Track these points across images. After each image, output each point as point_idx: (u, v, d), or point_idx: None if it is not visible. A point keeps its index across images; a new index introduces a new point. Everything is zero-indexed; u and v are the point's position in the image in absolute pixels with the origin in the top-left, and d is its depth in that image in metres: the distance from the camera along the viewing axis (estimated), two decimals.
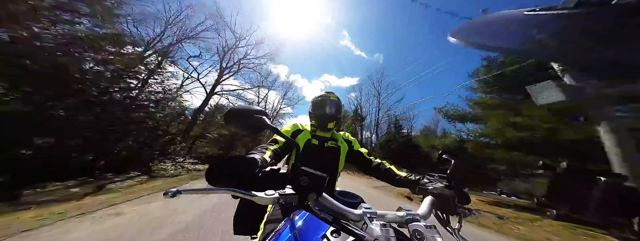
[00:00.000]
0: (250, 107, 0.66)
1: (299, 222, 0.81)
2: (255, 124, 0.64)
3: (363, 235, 0.52)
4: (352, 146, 1.54)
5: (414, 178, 1.08)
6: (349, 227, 0.54)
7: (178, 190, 0.48)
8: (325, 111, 1.46)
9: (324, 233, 0.68)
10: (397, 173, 1.23)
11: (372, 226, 0.53)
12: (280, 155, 1.20)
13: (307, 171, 0.56)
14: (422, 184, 0.97)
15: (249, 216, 1.31)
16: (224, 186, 0.54)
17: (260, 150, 1.06)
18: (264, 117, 0.65)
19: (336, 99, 1.52)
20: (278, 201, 0.55)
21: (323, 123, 1.47)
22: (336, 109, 1.49)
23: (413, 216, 0.60)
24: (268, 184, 0.58)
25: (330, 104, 1.48)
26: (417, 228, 0.53)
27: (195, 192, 0.51)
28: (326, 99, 1.49)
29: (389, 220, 0.59)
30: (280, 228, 0.89)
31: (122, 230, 2.88)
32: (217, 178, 0.55)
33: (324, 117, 1.46)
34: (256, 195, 0.54)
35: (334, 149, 1.46)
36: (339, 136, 1.56)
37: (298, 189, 0.56)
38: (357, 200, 1.10)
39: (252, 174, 0.59)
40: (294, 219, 0.86)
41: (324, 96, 1.52)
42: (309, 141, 1.42)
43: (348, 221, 0.57)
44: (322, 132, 1.50)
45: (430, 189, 0.87)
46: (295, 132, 1.47)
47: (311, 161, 1.28)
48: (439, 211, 0.81)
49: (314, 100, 1.53)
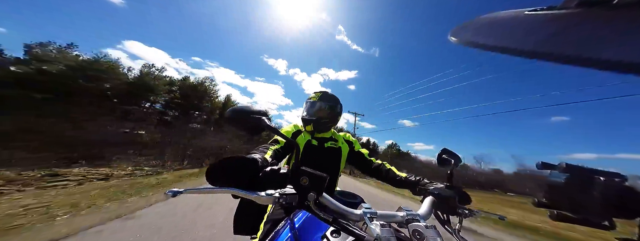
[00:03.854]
0: (251, 108, 0.65)
1: (299, 222, 0.81)
2: (255, 125, 0.64)
3: (363, 235, 0.52)
4: (353, 146, 1.53)
5: (415, 178, 1.08)
6: (349, 227, 0.54)
7: (179, 190, 0.48)
8: (321, 114, 1.44)
9: (324, 233, 0.68)
10: (398, 173, 1.23)
11: (372, 226, 0.53)
12: (282, 155, 1.20)
13: (307, 171, 0.56)
14: (423, 184, 0.97)
15: (249, 216, 1.31)
16: (225, 185, 0.54)
17: (261, 150, 1.06)
18: (264, 117, 0.65)
19: (327, 99, 1.47)
20: (278, 201, 0.55)
21: (319, 124, 1.44)
22: (331, 110, 1.45)
23: (413, 216, 0.60)
24: (268, 184, 0.58)
25: (326, 105, 1.45)
26: (417, 228, 0.53)
27: (196, 192, 0.52)
28: (317, 102, 1.45)
29: (389, 220, 0.59)
30: (280, 228, 0.89)
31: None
32: (218, 178, 0.55)
33: (319, 119, 1.43)
34: (256, 195, 0.54)
35: (335, 150, 1.46)
36: (340, 136, 1.55)
37: (298, 189, 0.56)
38: (357, 200, 1.10)
39: (252, 174, 0.59)
40: (294, 219, 0.85)
41: (319, 97, 1.47)
42: (309, 141, 1.41)
43: (348, 221, 0.57)
44: (322, 133, 1.49)
45: (430, 189, 0.87)
46: (295, 132, 1.46)
47: (311, 162, 1.28)
48: (440, 211, 0.81)
49: (309, 100, 1.49)
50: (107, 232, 2.92)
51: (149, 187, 6.26)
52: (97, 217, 3.42)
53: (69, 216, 3.43)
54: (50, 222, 3.10)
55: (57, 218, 3.29)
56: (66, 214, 3.48)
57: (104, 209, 3.89)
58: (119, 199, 4.64)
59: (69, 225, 3.03)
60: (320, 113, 1.44)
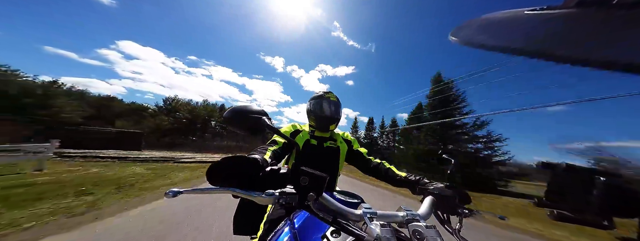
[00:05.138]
0: (251, 107, 0.65)
1: (299, 222, 0.81)
2: (255, 124, 0.64)
3: (363, 235, 0.52)
4: (351, 146, 1.53)
5: (414, 178, 1.08)
6: (348, 227, 0.53)
7: (179, 190, 0.48)
8: (326, 114, 1.44)
9: (324, 233, 0.68)
10: (397, 173, 1.22)
11: (372, 226, 0.53)
12: (280, 156, 1.20)
13: (307, 171, 0.56)
14: (422, 184, 0.97)
15: (249, 216, 1.31)
16: (225, 185, 0.54)
17: (260, 151, 1.06)
18: (264, 117, 0.65)
19: (335, 99, 1.50)
20: (278, 201, 0.55)
21: (324, 124, 1.46)
22: (336, 110, 1.47)
23: (413, 216, 0.60)
24: (268, 184, 0.58)
25: (330, 106, 1.46)
26: (417, 228, 0.53)
27: (196, 192, 0.51)
28: (326, 101, 1.47)
29: (389, 220, 0.59)
30: (280, 228, 0.89)
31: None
32: (218, 178, 0.55)
33: (325, 120, 1.45)
34: (256, 195, 0.54)
35: (333, 149, 1.45)
36: (338, 136, 1.55)
37: (298, 189, 0.56)
38: (357, 200, 1.10)
39: (252, 174, 0.59)
40: (293, 219, 0.85)
41: (324, 97, 1.49)
42: (308, 141, 1.41)
43: (348, 221, 0.57)
44: (321, 132, 1.49)
45: (430, 189, 0.87)
46: (293, 133, 1.46)
47: (310, 162, 1.28)
48: (440, 211, 0.80)
49: (313, 100, 1.50)
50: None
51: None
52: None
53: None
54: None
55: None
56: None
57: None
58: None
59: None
60: (332, 112, 1.46)
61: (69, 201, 3.88)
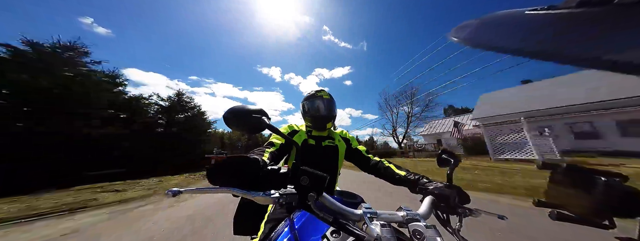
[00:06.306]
0: (250, 107, 0.65)
1: (299, 222, 0.81)
2: (254, 124, 0.64)
3: (363, 235, 0.52)
4: (350, 144, 1.52)
5: (414, 177, 1.07)
6: (349, 227, 0.53)
7: (179, 190, 0.48)
8: (321, 113, 1.43)
9: (324, 233, 0.68)
10: (397, 171, 1.21)
11: (372, 226, 0.53)
12: (277, 158, 1.19)
13: (307, 170, 0.56)
14: (422, 183, 0.97)
15: (249, 216, 1.31)
16: (225, 185, 0.54)
17: (257, 153, 1.06)
18: (264, 117, 0.65)
19: (329, 96, 1.47)
20: (278, 201, 0.55)
21: (320, 123, 1.44)
22: (331, 108, 1.45)
23: (413, 216, 0.60)
24: (268, 184, 0.58)
25: (324, 104, 1.44)
26: (417, 228, 0.53)
27: (196, 191, 0.51)
28: (319, 99, 1.45)
29: (389, 220, 0.59)
30: (281, 228, 0.89)
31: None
32: (218, 178, 0.55)
33: (320, 119, 1.43)
34: (257, 195, 0.54)
35: (332, 148, 1.44)
36: (336, 134, 1.53)
37: (298, 189, 0.56)
38: (358, 200, 1.09)
39: (253, 174, 0.59)
40: (294, 219, 0.85)
41: (316, 96, 1.46)
42: (306, 141, 1.40)
43: (348, 221, 0.57)
44: (319, 131, 1.48)
45: (430, 188, 0.87)
46: (291, 133, 1.45)
47: (310, 161, 1.27)
48: (439, 211, 0.80)
49: (306, 101, 1.48)
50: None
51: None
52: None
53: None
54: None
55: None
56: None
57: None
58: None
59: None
60: (326, 110, 1.44)
61: None
